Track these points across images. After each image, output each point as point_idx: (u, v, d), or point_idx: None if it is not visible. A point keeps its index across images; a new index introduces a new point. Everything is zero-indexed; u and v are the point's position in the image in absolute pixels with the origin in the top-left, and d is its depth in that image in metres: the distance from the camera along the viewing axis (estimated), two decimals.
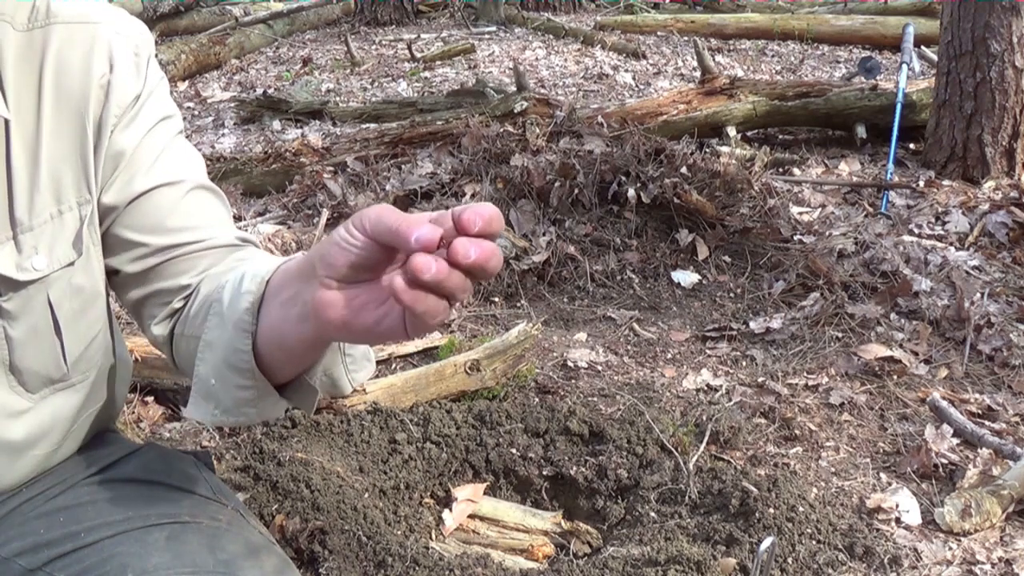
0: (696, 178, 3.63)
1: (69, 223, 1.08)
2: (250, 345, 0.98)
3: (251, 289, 0.98)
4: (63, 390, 1.14)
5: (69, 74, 1.07)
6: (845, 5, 9.39)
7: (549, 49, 8.22)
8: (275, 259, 1.06)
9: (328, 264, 0.85)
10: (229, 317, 0.99)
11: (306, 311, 0.89)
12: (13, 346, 1.08)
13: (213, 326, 1.02)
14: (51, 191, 1.07)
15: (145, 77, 1.13)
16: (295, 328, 0.93)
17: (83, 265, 1.10)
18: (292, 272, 0.95)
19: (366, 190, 3.78)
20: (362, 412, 2.28)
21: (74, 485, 1.17)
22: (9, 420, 1.11)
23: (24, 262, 1.06)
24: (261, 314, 0.97)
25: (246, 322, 0.97)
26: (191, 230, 1.13)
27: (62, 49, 1.07)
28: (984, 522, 2.05)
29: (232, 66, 8.32)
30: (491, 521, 2.06)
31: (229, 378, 1.00)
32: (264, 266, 1.00)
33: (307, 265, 0.91)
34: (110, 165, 1.10)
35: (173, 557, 1.05)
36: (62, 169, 1.07)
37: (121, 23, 1.13)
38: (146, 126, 1.12)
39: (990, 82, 4.46)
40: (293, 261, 0.97)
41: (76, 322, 1.12)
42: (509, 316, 3.18)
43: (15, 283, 1.06)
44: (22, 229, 1.06)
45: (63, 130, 1.07)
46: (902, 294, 3.10)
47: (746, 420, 2.45)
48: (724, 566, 1.80)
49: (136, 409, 2.36)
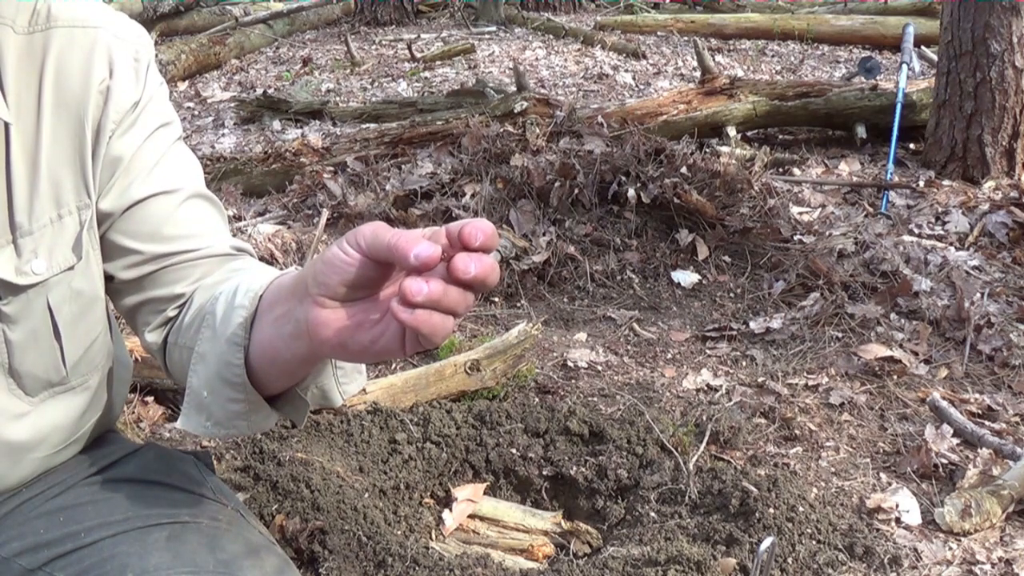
0: (696, 178, 3.63)
1: (69, 227, 1.08)
2: (242, 360, 0.98)
3: (244, 304, 0.98)
4: (62, 393, 1.14)
5: (69, 78, 1.07)
6: (845, 5, 9.38)
7: (549, 49, 8.22)
8: (269, 271, 1.06)
9: (322, 283, 0.85)
10: (222, 331, 0.99)
11: (299, 329, 0.89)
12: (12, 349, 1.08)
13: (206, 339, 1.02)
14: (51, 195, 1.07)
15: (144, 83, 1.12)
16: (288, 345, 0.93)
17: (83, 269, 1.10)
18: (285, 288, 0.95)
19: (366, 190, 3.78)
20: (362, 412, 2.28)
21: (74, 485, 1.17)
22: (9, 423, 1.11)
23: (24, 266, 1.06)
24: (254, 329, 0.97)
25: (239, 336, 0.97)
26: (186, 239, 1.13)
27: (62, 53, 1.07)
28: (984, 522, 2.05)
29: (232, 66, 8.32)
30: (491, 521, 2.06)
31: (221, 391, 1.01)
32: (258, 280, 1.00)
33: (300, 283, 0.90)
34: (108, 171, 1.10)
35: (173, 557, 1.05)
36: (62, 173, 1.07)
37: (121, 28, 1.13)
38: (144, 133, 1.12)
39: (990, 82, 4.46)
40: (287, 276, 0.97)
41: (75, 326, 1.12)
42: (509, 316, 3.18)
43: (14, 287, 1.06)
44: (21, 233, 1.06)
45: (63, 134, 1.07)
46: (902, 294, 3.10)
47: (746, 420, 2.45)
48: (724, 566, 1.80)
49: (136, 409, 2.36)
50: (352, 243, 0.83)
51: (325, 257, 0.85)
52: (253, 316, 0.98)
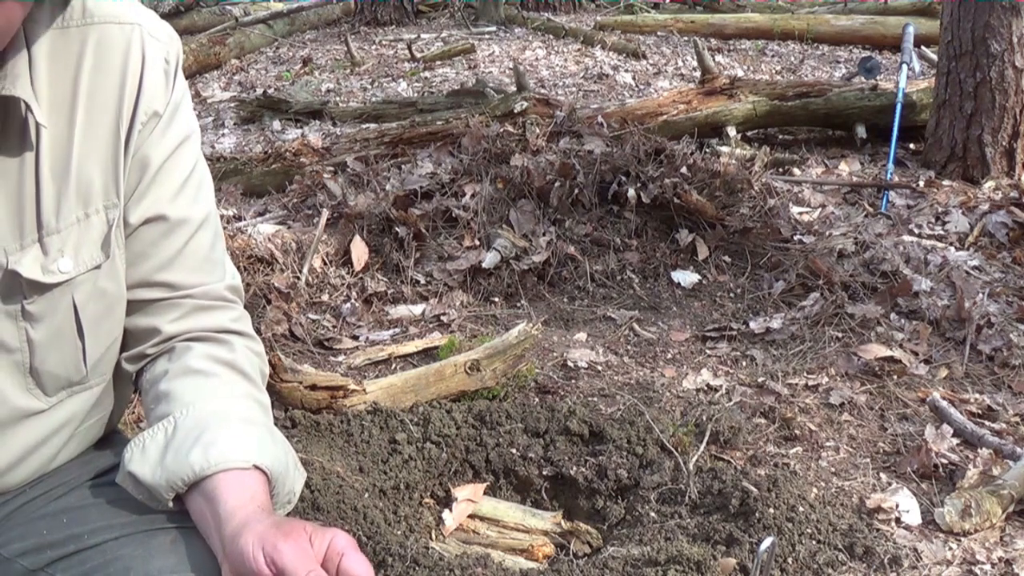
0: (696, 178, 3.63)
1: (96, 226, 1.08)
2: (172, 497, 1.08)
3: (192, 470, 1.05)
4: (80, 393, 1.15)
5: (105, 76, 1.07)
6: (845, 5, 9.39)
7: (549, 49, 8.22)
8: (229, 425, 1.09)
9: (236, 572, 0.98)
10: (168, 466, 1.06)
11: (217, 548, 1.03)
12: (34, 348, 1.08)
13: (155, 447, 1.08)
14: (79, 194, 1.07)
15: (173, 87, 1.13)
16: (208, 536, 1.05)
17: (109, 268, 1.10)
18: (221, 513, 1.03)
19: (366, 190, 3.78)
20: (362, 412, 2.28)
21: (78, 486, 1.17)
22: (23, 422, 1.11)
23: (50, 264, 1.06)
24: (190, 495, 1.07)
25: (177, 486, 1.06)
26: (187, 275, 1.16)
27: (99, 49, 1.07)
28: (984, 522, 2.05)
29: (232, 66, 8.32)
30: (491, 521, 2.06)
31: (157, 494, 1.09)
32: (216, 447, 1.06)
33: (226, 537, 1.00)
34: (135, 174, 1.11)
35: (177, 561, 1.05)
36: (92, 172, 1.07)
37: (155, 27, 1.13)
38: (173, 143, 1.13)
39: (990, 82, 4.46)
40: (230, 500, 1.04)
41: (99, 325, 1.12)
42: (509, 316, 3.18)
43: (41, 286, 1.06)
44: (48, 231, 1.05)
45: (97, 132, 1.07)
46: (902, 294, 3.10)
47: (746, 420, 2.45)
48: (724, 566, 1.80)
49: (136, 409, 2.36)
50: (266, 558, 0.95)
51: (240, 548, 0.97)
52: (195, 482, 1.06)
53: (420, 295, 3.29)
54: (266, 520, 1.00)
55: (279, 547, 0.95)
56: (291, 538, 0.96)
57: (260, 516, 1.01)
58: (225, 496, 1.03)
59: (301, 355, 2.88)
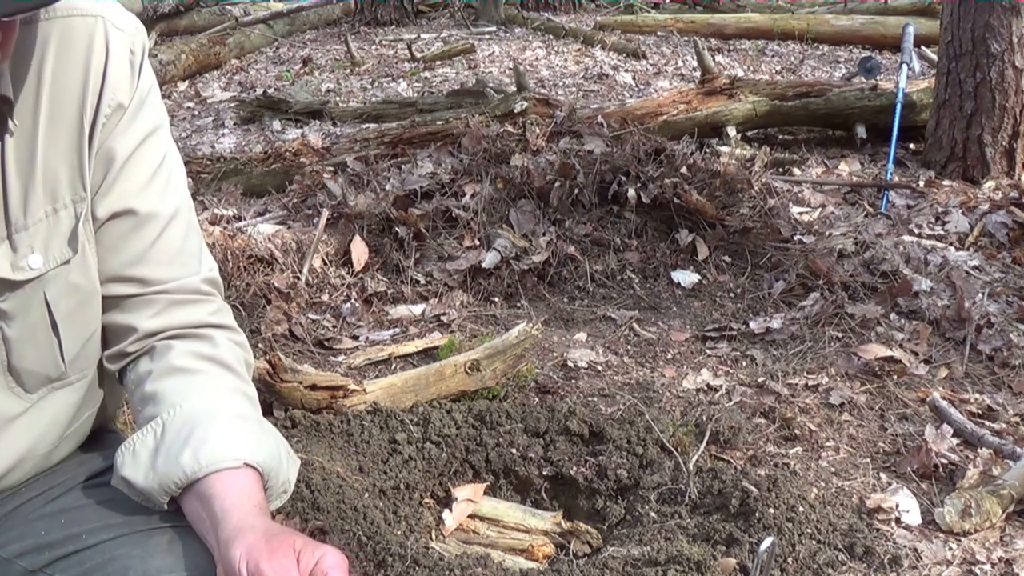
0: (696, 178, 3.62)
1: (64, 221, 1.08)
2: (167, 500, 1.09)
3: (184, 472, 1.05)
4: (61, 388, 1.14)
5: (68, 69, 1.06)
6: (845, 5, 9.38)
7: (549, 49, 8.22)
8: (219, 423, 1.10)
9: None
10: (159, 469, 1.07)
11: (213, 548, 1.04)
12: (11, 347, 1.08)
13: (145, 451, 1.09)
14: (46, 190, 1.06)
15: (138, 80, 1.12)
16: (204, 536, 1.07)
17: (79, 263, 1.10)
18: (215, 514, 1.03)
19: (366, 190, 3.78)
20: (362, 412, 2.28)
21: (75, 487, 1.17)
22: (8, 422, 1.11)
23: (20, 261, 1.06)
24: (184, 496, 1.07)
25: (170, 489, 1.07)
26: (160, 270, 1.15)
27: (62, 43, 1.06)
28: (984, 522, 2.05)
29: (232, 66, 8.32)
30: (491, 521, 2.06)
31: (151, 497, 1.10)
32: (206, 447, 1.06)
33: (220, 540, 1.02)
34: (101, 167, 1.10)
35: (175, 560, 1.05)
36: (58, 167, 1.07)
37: (119, 18, 1.12)
38: (139, 136, 1.12)
39: (990, 82, 4.46)
40: (224, 501, 1.04)
41: (73, 320, 1.11)
42: (509, 316, 3.18)
43: (11, 283, 1.06)
44: (16, 228, 1.05)
45: (60, 128, 1.06)
46: (902, 294, 3.10)
47: (746, 420, 2.45)
48: (724, 566, 1.80)
49: None
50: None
51: (229, 559, 0.98)
52: (189, 484, 1.07)
53: (420, 295, 3.29)
54: (259, 527, 1.00)
55: (261, 567, 0.96)
56: (276, 555, 0.96)
57: (254, 520, 1.01)
58: (219, 497, 1.03)
59: (301, 355, 2.88)
